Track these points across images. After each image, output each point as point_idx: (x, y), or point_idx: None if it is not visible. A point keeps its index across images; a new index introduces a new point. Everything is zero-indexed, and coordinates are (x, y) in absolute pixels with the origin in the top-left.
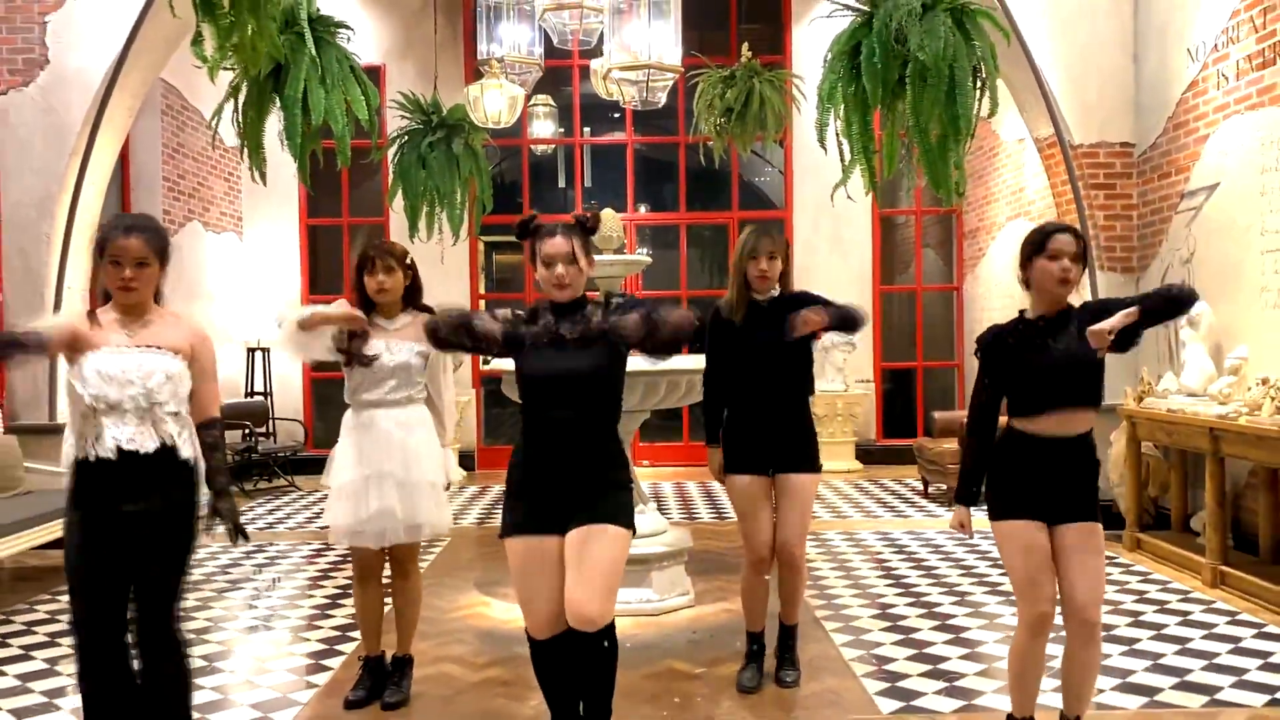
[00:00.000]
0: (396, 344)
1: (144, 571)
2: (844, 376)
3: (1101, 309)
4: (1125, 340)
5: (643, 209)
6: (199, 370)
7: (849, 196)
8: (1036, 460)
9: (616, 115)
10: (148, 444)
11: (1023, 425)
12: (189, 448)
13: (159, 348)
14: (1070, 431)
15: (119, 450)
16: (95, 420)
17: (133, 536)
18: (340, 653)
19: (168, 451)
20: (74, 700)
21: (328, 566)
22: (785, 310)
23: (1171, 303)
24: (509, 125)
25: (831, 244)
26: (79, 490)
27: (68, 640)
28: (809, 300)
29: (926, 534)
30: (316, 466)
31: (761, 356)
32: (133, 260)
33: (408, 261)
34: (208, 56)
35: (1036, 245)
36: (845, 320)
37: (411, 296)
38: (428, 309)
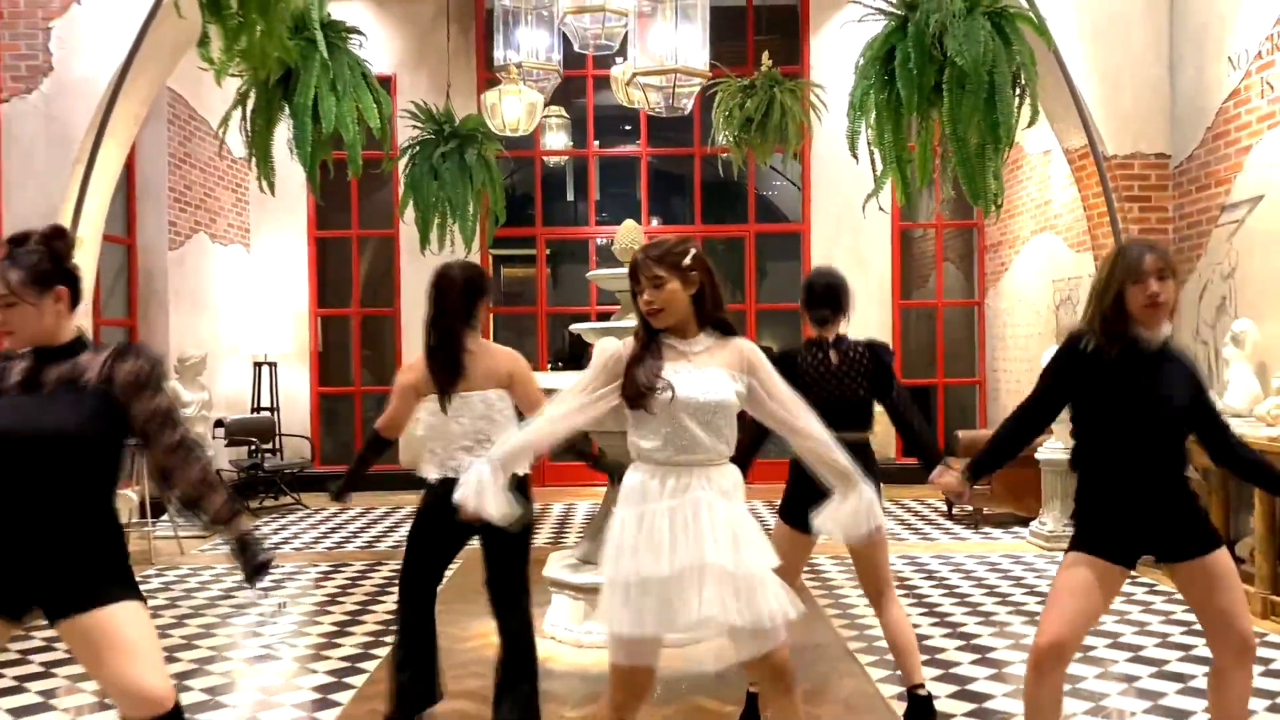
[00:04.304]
0: None
1: None
2: None
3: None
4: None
5: (655, 222)
6: None
7: (880, 207)
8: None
9: (628, 128)
10: None
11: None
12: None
13: None
14: None
15: None
16: None
17: None
18: (350, 686)
19: None
20: None
21: (335, 591)
22: (1180, 367)
23: None
24: (527, 133)
25: (851, 258)
26: None
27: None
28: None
29: (956, 558)
30: (324, 484)
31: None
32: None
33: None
34: (214, 59)
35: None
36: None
37: None
38: None
